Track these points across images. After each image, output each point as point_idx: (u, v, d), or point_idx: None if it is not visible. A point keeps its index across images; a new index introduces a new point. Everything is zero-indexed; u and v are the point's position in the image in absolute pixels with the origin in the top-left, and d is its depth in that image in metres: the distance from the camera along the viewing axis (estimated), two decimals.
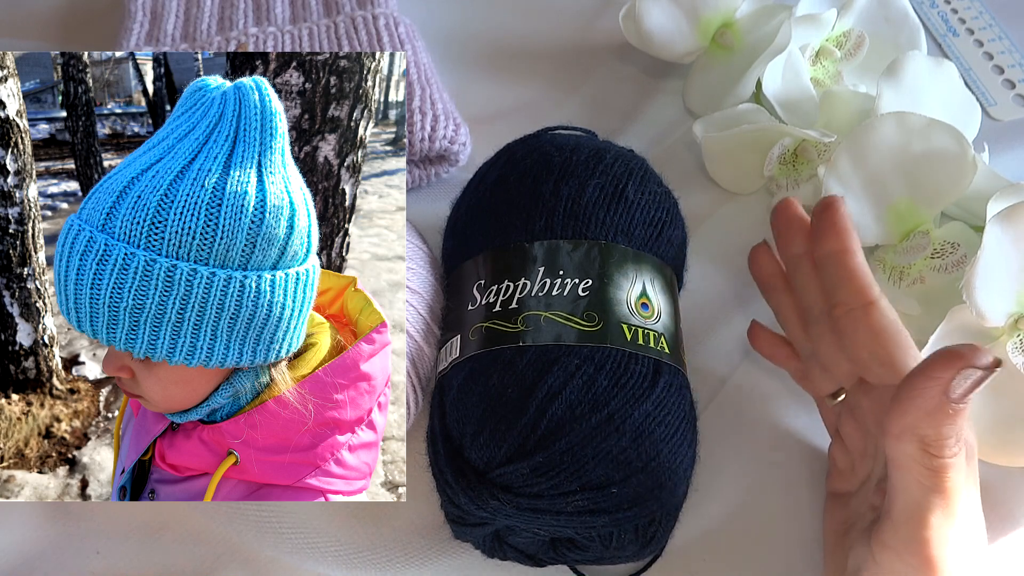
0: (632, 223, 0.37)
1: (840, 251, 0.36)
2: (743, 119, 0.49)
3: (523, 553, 0.35)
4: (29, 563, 0.38)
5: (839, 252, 0.36)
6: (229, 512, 0.39)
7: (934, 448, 0.29)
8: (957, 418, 0.28)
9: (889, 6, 0.52)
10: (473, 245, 0.38)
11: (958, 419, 0.28)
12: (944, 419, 0.28)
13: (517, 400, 0.33)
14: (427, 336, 0.37)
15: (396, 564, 0.38)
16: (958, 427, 0.29)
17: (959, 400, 0.28)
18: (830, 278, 0.36)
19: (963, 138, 0.42)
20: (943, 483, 0.29)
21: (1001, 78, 0.57)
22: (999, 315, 0.39)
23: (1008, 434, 0.39)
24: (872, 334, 0.34)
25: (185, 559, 0.38)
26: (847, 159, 0.44)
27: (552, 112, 0.54)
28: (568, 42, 0.59)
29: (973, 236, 0.43)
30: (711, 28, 0.53)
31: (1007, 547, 0.38)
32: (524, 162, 0.39)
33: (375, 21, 0.53)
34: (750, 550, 0.38)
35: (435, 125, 0.48)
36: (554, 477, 0.32)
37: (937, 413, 0.28)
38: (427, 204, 0.50)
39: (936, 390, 0.28)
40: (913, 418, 0.29)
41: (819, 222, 0.37)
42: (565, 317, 0.34)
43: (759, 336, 0.41)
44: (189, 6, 0.57)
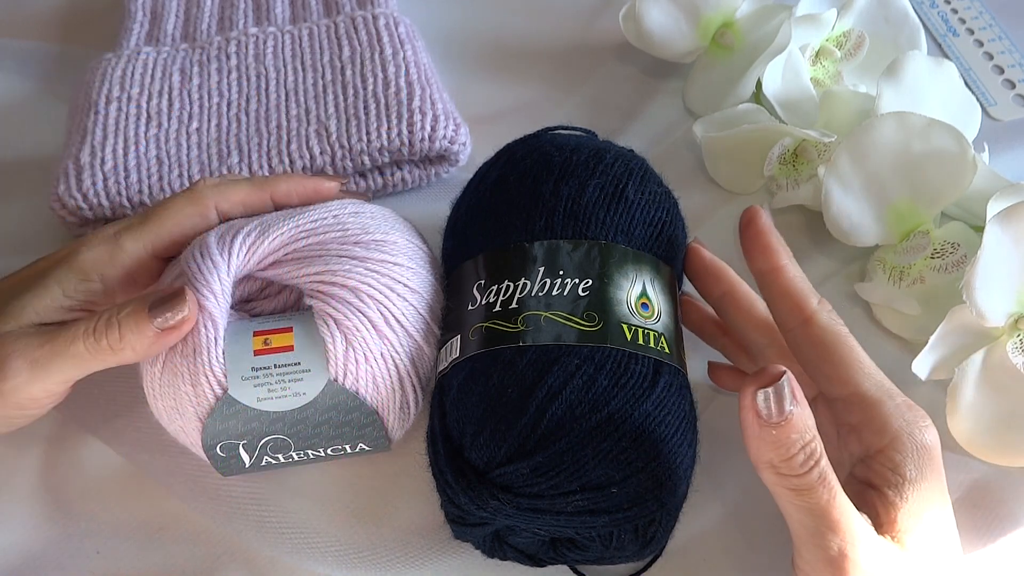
0: (632, 223, 0.37)
1: (770, 270, 0.35)
2: (743, 119, 0.49)
3: (523, 553, 0.35)
4: (29, 563, 0.38)
5: (769, 271, 0.35)
6: (229, 512, 0.39)
7: (784, 469, 0.29)
8: (788, 435, 0.29)
9: (889, 6, 0.52)
10: (473, 245, 0.38)
11: (789, 435, 0.29)
12: (775, 440, 0.29)
13: (517, 400, 0.33)
14: (427, 336, 0.37)
15: (396, 564, 0.38)
16: (795, 443, 0.29)
17: (777, 418, 0.28)
18: (767, 298, 0.36)
19: (963, 138, 0.42)
20: (812, 501, 0.29)
21: (1001, 78, 0.57)
22: (999, 315, 0.39)
23: (1008, 434, 0.39)
24: (814, 350, 0.34)
25: (185, 559, 0.38)
26: (847, 159, 0.44)
27: (552, 112, 0.54)
28: (568, 42, 0.59)
29: (973, 236, 0.43)
30: (711, 28, 0.53)
31: (1007, 547, 0.38)
32: (524, 162, 0.39)
33: (375, 21, 0.53)
34: (750, 550, 0.38)
35: (435, 125, 0.48)
36: (554, 477, 0.32)
37: (765, 436, 0.29)
38: (427, 204, 0.50)
39: (751, 417, 0.29)
40: (754, 447, 0.29)
41: (744, 241, 0.36)
42: (565, 317, 0.34)
43: (719, 372, 0.42)
44: (189, 6, 0.57)
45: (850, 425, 0.34)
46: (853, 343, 0.34)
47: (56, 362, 0.33)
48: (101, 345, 0.33)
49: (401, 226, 0.39)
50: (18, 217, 0.50)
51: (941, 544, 0.32)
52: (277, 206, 0.39)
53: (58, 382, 0.34)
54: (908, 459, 0.32)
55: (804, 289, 0.35)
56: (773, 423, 0.28)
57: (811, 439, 0.29)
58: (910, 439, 0.32)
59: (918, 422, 0.32)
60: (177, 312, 0.33)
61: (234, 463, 0.36)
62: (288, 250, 0.36)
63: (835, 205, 0.44)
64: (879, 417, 0.32)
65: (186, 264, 0.35)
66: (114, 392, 0.42)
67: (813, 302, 0.34)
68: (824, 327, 0.34)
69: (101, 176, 0.46)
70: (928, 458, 0.32)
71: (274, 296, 0.39)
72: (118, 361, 0.34)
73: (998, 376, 0.40)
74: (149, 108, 0.50)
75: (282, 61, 0.52)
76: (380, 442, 0.37)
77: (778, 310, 0.35)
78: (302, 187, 0.39)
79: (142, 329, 0.33)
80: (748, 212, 0.36)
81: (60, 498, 0.40)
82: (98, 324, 0.33)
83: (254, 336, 0.34)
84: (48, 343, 0.33)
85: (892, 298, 0.44)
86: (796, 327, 0.34)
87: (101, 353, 0.33)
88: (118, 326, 0.33)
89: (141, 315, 0.33)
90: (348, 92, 0.50)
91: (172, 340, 0.33)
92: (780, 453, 0.29)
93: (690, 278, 0.40)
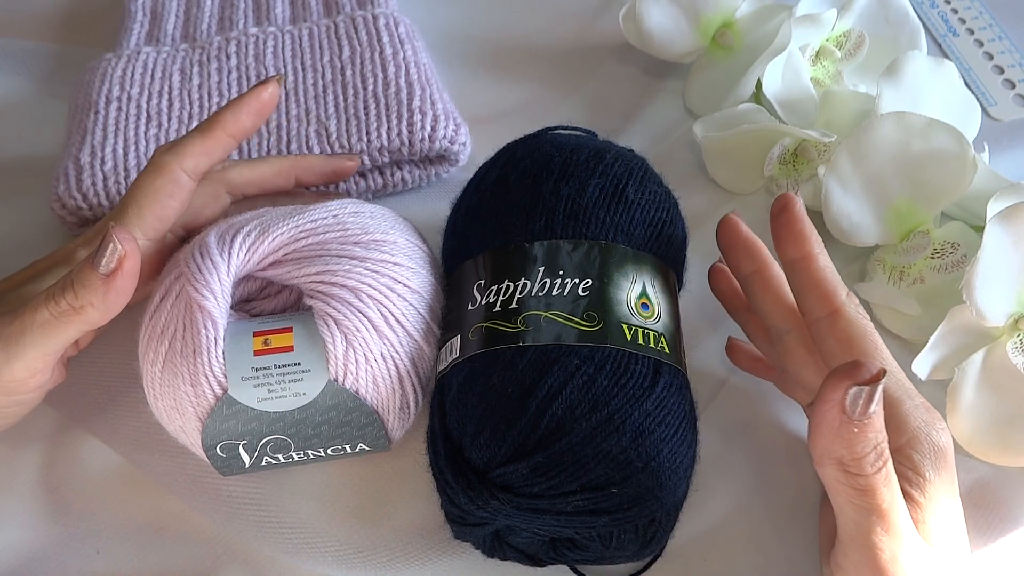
0: (632, 223, 0.37)
1: (800, 258, 0.35)
2: (743, 119, 0.49)
3: (523, 553, 0.35)
4: (29, 563, 0.38)
5: (800, 259, 0.35)
6: (229, 512, 0.39)
7: (853, 467, 0.29)
8: (865, 434, 0.28)
9: (889, 6, 0.52)
10: (473, 245, 0.38)
11: (867, 435, 0.28)
12: (853, 438, 0.28)
13: (517, 400, 0.33)
14: (427, 336, 0.37)
15: (396, 564, 0.38)
16: (871, 442, 0.29)
17: (861, 417, 0.28)
18: (795, 287, 0.35)
19: (963, 138, 0.42)
20: (873, 501, 0.29)
21: (1001, 78, 0.57)
22: (999, 315, 0.39)
23: (1008, 434, 0.39)
24: (838, 343, 0.33)
25: (185, 559, 0.38)
26: (847, 159, 0.44)
27: (552, 112, 0.54)
28: (568, 42, 0.59)
29: (973, 236, 0.43)
30: (711, 28, 0.53)
31: (1007, 547, 0.38)
32: (524, 162, 0.39)
33: (375, 21, 0.53)
34: (750, 550, 0.38)
35: (435, 125, 0.48)
36: (554, 477, 0.32)
37: (844, 433, 0.28)
38: (427, 204, 0.50)
39: (835, 411, 0.28)
40: (826, 441, 0.29)
41: (776, 228, 0.36)
42: (565, 317, 0.34)
43: (736, 351, 0.41)
44: (189, 6, 0.57)
45: None
46: (878, 339, 0.34)
47: (28, 334, 0.33)
48: (62, 306, 0.33)
49: (401, 226, 0.39)
50: (18, 217, 0.50)
51: (958, 543, 0.32)
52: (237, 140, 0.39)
53: (36, 356, 0.34)
54: (926, 459, 0.32)
55: (834, 280, 0.34)
56: (855, 421, 0.28)
57: (883, 439, 0.29)
58: (927, 439, 0.32)
59: (935, 424, 0.32)
60: (111, 252, 0.33)
61: (234, 463, 0.36)
62: (288, 250, 0.36)
63: (835, 205, 0.44)
64: (898, 415, 0.32)
65: (185, 264, 0.35)
66: (115, 392, 0.42)
67: (842, 294, 0.34)
68: (851, 320, 0.33)
69: (101, 176, 0.46)
70: (943, 460, 0.32)
71: (274, 296, 0.39)
72: (85, 321, 0.34)
73: (998, 376, 0.40)
74: (149, 108, 0.50)
75: (282, 61, 0.52)
76: (380, 442, 0.37)
77: (806, 299, 0.35)
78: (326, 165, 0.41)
79: (90, 280, 0.33)
80: (782, 199, 0.35)
81: (60, 498, 0.40)
82: (55, 287, 0.33)
83: (254, 336, 0.34)
84: (17, 318, 0.34)
85: (892, 298, 0.44)
86: (822, 318, 0.34)
87: (64, 315, 0.33)
88: (71, 284, 0.33)
89: (86, 267, 0.33)
90: (348, 92, 0.50)
91: (122, 286, 0.33)
92: (853, 451, 0.28)
93: (722, 250, 0.38)
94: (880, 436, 0.29)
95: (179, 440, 0.37)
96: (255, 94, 0.39)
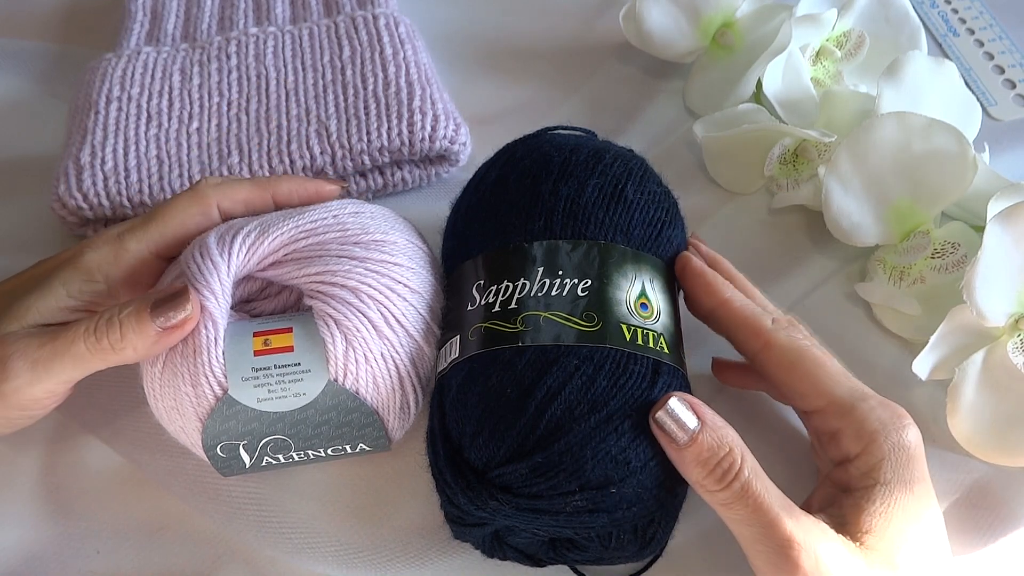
0: (631, 223, 0.37)
1: (717, 306, 0.37)
2: (743, 119, 0.49)
3: (523, 553, 0.36)
4: (29, 563, 0.38)
5: (717, 307, 0.37)
6: (229, 512, 0.39)
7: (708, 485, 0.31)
8: (696, 454, 0.31)
9: (889, 6, 0.52)
10: (472, 245, 0.38)
11: (700, 454, 0.31)
12: (693, 461, 0.31)
13: (516, 400, 0.33)
14: (427, 336, 0.37)
15: (396, 564, 0.38)
16: (707, 461, 0.31)
17: (683, 440, 0.31)
18: (724, 332, 0.37)
19: (963, 138, 0.42)
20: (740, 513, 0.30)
21: (1001, 78, 0.57)
22: (999, 315, 0.39)
23: (1008, 434, 0.39)
24: (779, 371, 0.35)
25: (185, 559, 0.38)
26: (847, 159, 0.44)
27: (552, 112, 0.54)
28: (568, 42, 0.59)
29: (973, 236, 0.43)
30: (711, 28, 0.53)
31: (1007, 547, 0.38)
32: (524, 162, 0.39)
33: (375, 21, 0.53)
34: None
35: (435, 125, 0.48)
36: (553, 477, 0.32)
37: (679, 461, 0.32)
38: (427, 204, 0.50)
39: (666, 443, 0.32)
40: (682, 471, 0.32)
41: (685, 287, 0.38)
42: (564, 317, 0.34)
43: (723, 370, 0.41)
44: (189, 6, 0.57)
45: (829, 434, 0.34)
46: (816, 354, 0.34)
47: (57, 362, 0.33)
48: (102, 345, 0.33)
49: (401, 226, 0.39)
50: (18, 217, 0.50)
51: (916, 545, 0.31)
52: (278, 206, 0.39)
53: (59, 382, 0.34)
54: (884, 461, 0.32)
55: (755, 314, 0.36)
56: (684, 445, 0.31)
57: (726, 454, 0.31)
58: (887, 440, 0.32)
59: (895, 422, 0.32)
60: (180, 311, 0.33)
61: (234, 463, 0.36)
62: (288, 250, 0.36)
63: (835, 205, 0.44)
64: (855, 421, 0.33)
65: (186, 264, 0.35)
66: (115, 392, 0.42)
67: (766, 324, 0.35)
68: (783, 346, 0.34)
69: (101, 176, 0.46)
70: (907, 458, 0.32)
71: (274, 296, 0.39)
72: (119, 361, 0.34)
73: (998, 376, 0.40)
74: (149, 108, 0.50)
75: (282, 61, 0.52)
76: (380, 442, 0.37)
77: (736, 340, 0.36)
78: (304, 189, 0.40)
79: (144, 329, 0.33)
80: (680, 260, 0.38)
81: (60, 498, 0.40)
82: (99, 323, 0.33)
83: (254, 336, 0.34)
84: (49, 343, 0.33)
85: (892, 298, 0.44)
86: (758, 352, 0.35)
87: (102, 352, 0.33)
88: (119, 325, 0.33)
89: (143, 314, 0.33)
90: (348, 92, 0.50)
91: (174, 340, 0.33)
92: (700, 471, 0.31)
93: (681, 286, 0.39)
94: (720, 452, 0.31)
95: (179, 441, 0.37)
96: (317, 184, 0.40)
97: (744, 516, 0.30)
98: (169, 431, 0.37)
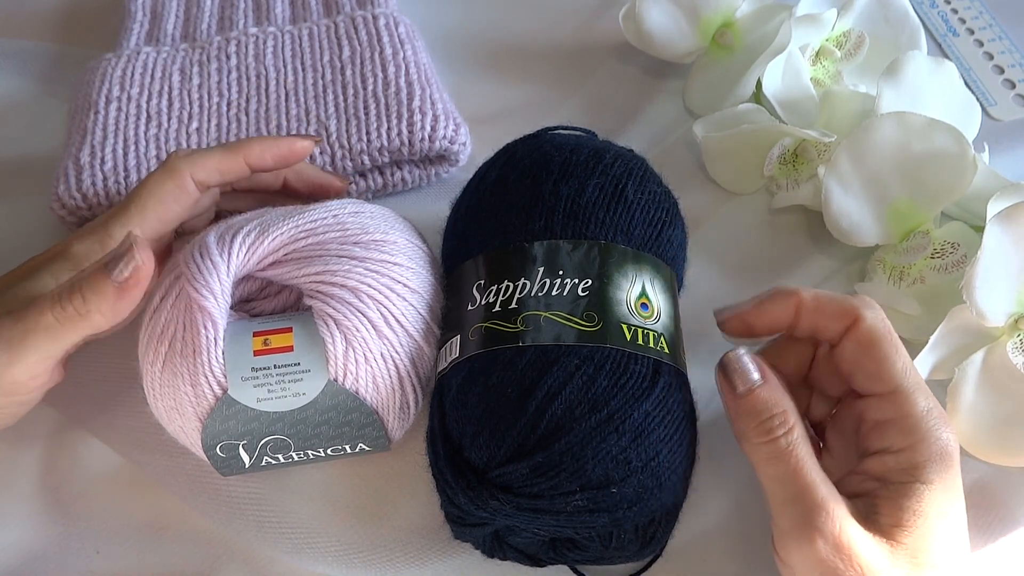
0: (632, 223, 0.37)
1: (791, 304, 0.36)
2: (743, 119, 0.49)
3: (523, 553, 0.35)
4: (29, 563, 0.38)
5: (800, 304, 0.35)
6: (229, 512, 0.39)
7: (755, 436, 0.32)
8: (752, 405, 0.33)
9: (889, 6, 0.52)
10: (473, 245, 0.38)
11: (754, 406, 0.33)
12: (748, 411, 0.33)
13: (517, 400, 0.33)
14: (427, 336, 0.37)
15: (396, 564, 0.38)
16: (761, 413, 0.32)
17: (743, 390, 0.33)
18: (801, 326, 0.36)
19: (963, 138, 0.42)
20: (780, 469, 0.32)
21: (1001, 78, 0.57)
22: (999, 315, 0.39)
23: (1008, 434, 0.39)
24: (859, 347, 0.34)
25: (185, 559, 0.38)
26: (847, 159, 0.44)
27: (552, 112, 0.54)
28: (568, 42, 0.59)
29: (973, 236, 0.43)
30: (711, 28, 0.53)
31: (1007, 547, 0.38)
32: (524, 162, 0.39)
33: (375, 21, 0.53)
34: (750, 550, 0.38)
35: (435, 125, 0.48)
36: (554, 477, 0.32)
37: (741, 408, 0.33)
38: (427, 204, 0.50)
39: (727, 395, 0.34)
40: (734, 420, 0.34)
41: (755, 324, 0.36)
42: (565, 317, 0.34)
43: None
44: (189, 6, 0.57)
45: (876, 421, 0.34)
46: (897, 340, 0.34)
47: (31, 338, 0.33)
48: (68, 311, 0.33)
49: (401, 226, 0.39)
50: (18, 217, 0.50)
51: (942, 549, 0.31)
52: (253, 169, 0.40)
53: (37, 360, 0.34)
54: (930, 462, 0.32)
55: (838, 296, 0.35)
56: (742, 394, 0.33)
57: (781, 411, 0.32)
58: (936, 442, 0.32)
59: (945, 427, 0.33)
60: (130, 262, 0.33)
61: (234, 463, 0.36)
62: (288, 250, 0.36)
63: (835, 205, 0.44)
64: (912, 416, 0.33)
65: (185, 264, 0.35)
66: (115, 392, 0.42)
67: (856, 301, 0.35)
68: (871, 325, 0.34)
69: (101, 176, 0.46)
70: (948, 464, 0.32)
71: (274, 296, 0.39)
72: (90, 328, 0.34)
73: (998, 376, 0.40)
74: (149, 108, 0.50)
75: (282, 61, 0.52)
76: (380, 442, 0.37)
77: (822, 319, 0.35)
78: (276, 147, 0.40)
79: (101, 287, 0.33)
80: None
81: (60, 498, 0.40)
82: (62, 291, 0.33)
83: (254, 336, 0.34)
84: (19, 321, 0.33)
85: (892, 298, 0.44)
86: (843, 330, 0.35)
87: (69, 320, 0.33)
88: (80, 288, 0.33)
89: (99, 274, 0.33)
90: (348, 92, 0.50)
91: (134, 296, 0.33)
92: (751, 421, 0.32)
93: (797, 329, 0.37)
94: (776, 408, 0.32)
95: (179, 440, 0.37)
96: (289, 141, 0.40)
97: (782, 474, 0.31)
98: (169, 431, 0.37)
